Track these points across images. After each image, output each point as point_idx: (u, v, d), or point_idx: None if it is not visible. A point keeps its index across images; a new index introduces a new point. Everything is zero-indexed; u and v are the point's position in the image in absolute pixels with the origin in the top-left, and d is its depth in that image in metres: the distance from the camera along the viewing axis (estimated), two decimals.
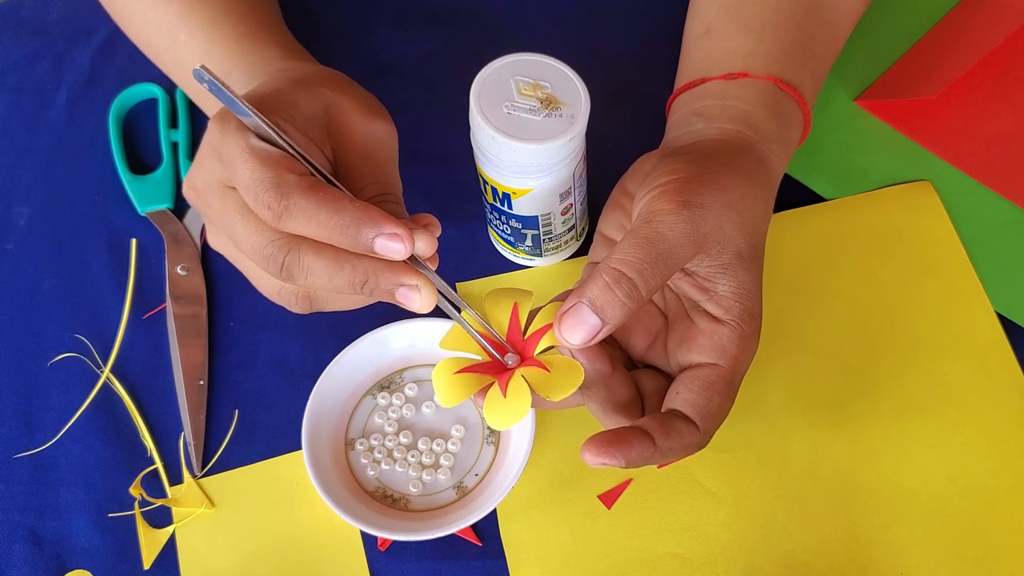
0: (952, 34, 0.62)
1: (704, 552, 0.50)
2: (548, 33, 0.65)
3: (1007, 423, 0.52)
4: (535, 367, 0.42)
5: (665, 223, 0.41)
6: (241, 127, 0.39)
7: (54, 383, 0.57)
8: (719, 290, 0.43)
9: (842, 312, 0.55)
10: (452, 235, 0.59)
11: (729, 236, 0.43)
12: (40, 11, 0.69)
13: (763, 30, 0.52)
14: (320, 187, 0.38)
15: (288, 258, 0.39)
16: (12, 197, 0.62)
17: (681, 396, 0.42)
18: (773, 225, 0.49)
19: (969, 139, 0.59)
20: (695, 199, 0.42)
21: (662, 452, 0.41)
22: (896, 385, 0.53)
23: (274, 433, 0.55)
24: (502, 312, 0.43)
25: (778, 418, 0.53)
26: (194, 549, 0.52)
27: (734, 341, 0.43)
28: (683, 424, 0.42)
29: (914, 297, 0.55)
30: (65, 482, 0.54)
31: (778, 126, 0.49)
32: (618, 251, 0.41)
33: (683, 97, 0.52)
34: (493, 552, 0.51)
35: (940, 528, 0.50)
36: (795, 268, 0.56)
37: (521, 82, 0.46)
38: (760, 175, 0.47)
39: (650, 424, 0.41)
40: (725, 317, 0.43)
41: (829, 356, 0.54)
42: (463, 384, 0.41)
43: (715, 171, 0.44)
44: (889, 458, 0.52)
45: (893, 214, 0.57)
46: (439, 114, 0.62)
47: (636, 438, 0.40)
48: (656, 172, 0.44)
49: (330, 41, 0.65)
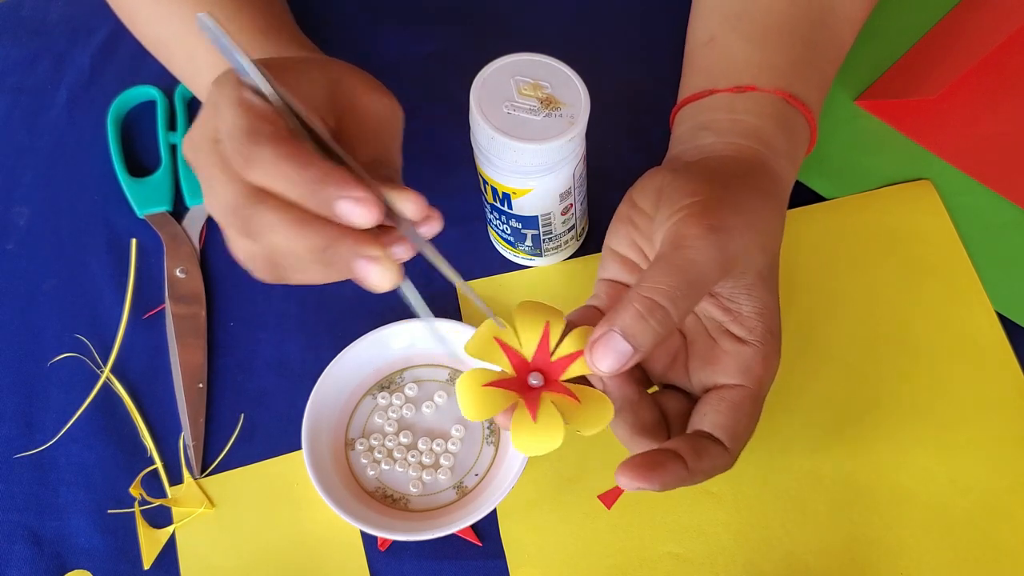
0: (952, 34, 0.62)
1: (704, 552, 0.50)
2: (548, 33, 0.65)
3: (1007, 423, 0.52)
4: (564, 395, 0.40)
5: (694, 248, 0.40)
6: (237, 82, 0.37)
7: (54, 383, 0.57)
8: (742, 310, 0.43)
9: (842, 312, 0.55)
10: (452, 235, 0.58)
11: (752, 257, 0.43)
12: (40, 11, 0.69)
13: (770, 41, 0.51)
14: (291, 141, 0.36)
15: (251, 211, 0.36)
16: (12, 197, 0.62)
17: (709, 418, 0.42)
18: None
19: (969, 139, 0.59)
20: (721, 222, 0.41)
21: (694, 474, 0.41)
22: (896, 385, 0.53)
23: (274, 433, 0.55)
24: (532, 329, 0.41)
25: (778, 418, 0.53)
26: (194, 549, 0.52)
27: (758, 361, 0.43)
28: (713, 446, 0.42)
29: (914, 297, 0.55)
30: (65, 482, 0.54)
31: (787, 141, 0.49)
32: (648, 278, 0.40)
33: (688, 108, 0.52)
34: (493, 552, 0.51)
35: (940, 528, 0.50)
36: (795, 268, 0.56)
37: (521, 82, 0.46)
38: (774, 192, 0.47)
39: (681, 446, 0.41)
40: (749, 337, 0.43)
41: (829, 356, 0.54)
42: (490, 400, 0.40)
43: (735, 191, 0.44)
44: (889, 458, 0.52)
45: (893, 213, 0.57)
46: (439, 114, 0.62)
47: (670, 461, 0.40)
48: (674, 191, 0.44)
49: (330, 41, 0.65)
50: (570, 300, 0.56)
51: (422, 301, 0.39)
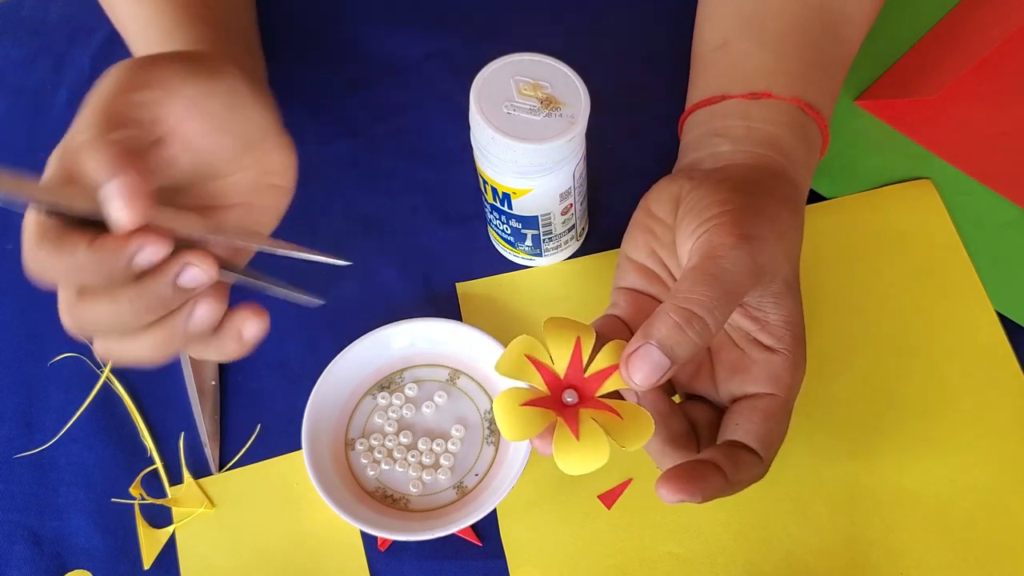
0: (952, 34, 0.62)
1: (704, 552, 0.50)
2: (548, 33, 0.65)
3: (1007, 423, 0.52)
4: (604, 411, 0.40)
5: (728, 258, 0.40)
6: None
7: (54, 383, 0.57)
8: (769, 319, 0.44)
9: (842, 311, 0.55)
10: (452, 235, 0.59)
11: (780, 266, 0.43)
12: (40, 11, 0.69)
13: (783, 47, 0.51)
14: None
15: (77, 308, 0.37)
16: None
17: (742, 428, 0.42)
18: None
19: (969, 139, 0.59)
20: (753, 231, 0.41)
21: (733, 485, 0.41)
22: (896, 385, 0.53)
23: (274, 433, 0.55)
24: (564, 346, 0.41)
25: None
26: (194, 549, 0.52)
27: (787, 370, 0.43)
28: (748, 455, 0.42)
29: (914, 296, 0.55)
30: (65, 482, 0.54)
31: (804, 151, 0.49)
32: (683, 290, 0.40)
33: (700, 114, 0.51)
34: (493, 552, 0.51)
35: (941, 529, 0.50)
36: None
37: (521, 82, 0.46)
38: (796, 202, 0.47)
39: (718, 457, 0.41)
40: (777, 346, 0.43)
41: (829, 356, 0.54)
42: (530, 420, 0.39)
43: (763, 200, 0.44)
44: (889, 458, 0.52)
45: (894, 213, 0.57)
46: (439, 114, 0.62)
47: (710, 473, 0.40)
48: (698, 201, 0.44)
49: (330, 42, 0.65)
50: (570, 300, 0.57)
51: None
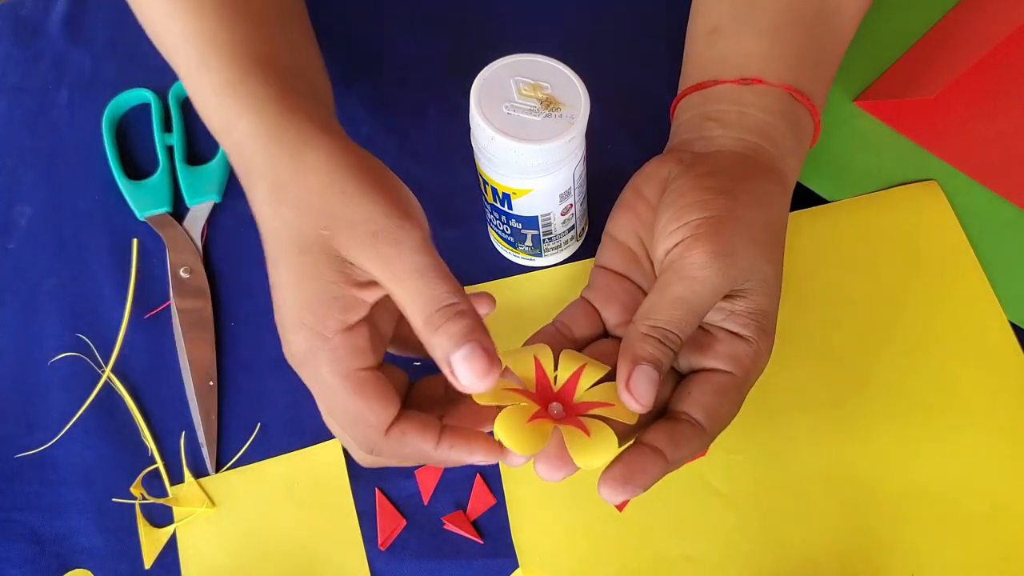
0: (951, 34, 0.62)
1: (717, 555, 0.50)
2: (548, 33, 0.65)
3: (1017, 423, 0.52)
4: (588, 413, 0.42)
5: (698, 280, 0.42)
6: (337, 352, 0.42)
7: (55, 383, 0.57)
8: (736, 309, 0.44)
9: (851, 314, 0.55)
10: (452, 235, 0.59)
11: (757, 268, 0.44)
12: (40, 11, 0.69)
13: (775, 34, 0.51)
14: (403, 424, 0.41)
15: (383, 453, 0.43)
16: (13, 196, 0.63)
17: (692, 397, 0.43)
18: None
19: (968, 139, 0.59)
20: (726, 247, 0.42)
21: (674, 463, 0.42)
22: (905, 386, 0.53)
23: (274, 433, 0.55)
24: (525, 367, 0.43)
25: (788, 420, 0.53)
26: (195, 548, 0.52)
27: (749, 355, 0.44)
28: (688, 428, 0.42)
29: (923, 297, 0.55)
30: (66, 481, 0.54)
31: (794, 140, 0.49)
32: (655, 312, 0.42)
33: (692, 98, 0.51)
34: (494, 551, 0.51)
35: (951, 529, 0.50)
36: (803, 271, 0.56)
37: (521, 82, 0.46)
38: (781, 197, 0.47)
39: (657, 438, 0.42)
40: (743, 332, 0.44)
41: (838, 358, 0.54)
42: (538, 433, 0.40)
43: (743, 202, 0.44)
44: (899, 459, 0.52)
45: (900, 214, 0.57)
46: (439, 114, 0.62)
47: (647, 460, 0.41)
48: (681, 194, 0.45)
49: (330, 42, 0.65)
50: (570, 301, 0.56)
51: None
